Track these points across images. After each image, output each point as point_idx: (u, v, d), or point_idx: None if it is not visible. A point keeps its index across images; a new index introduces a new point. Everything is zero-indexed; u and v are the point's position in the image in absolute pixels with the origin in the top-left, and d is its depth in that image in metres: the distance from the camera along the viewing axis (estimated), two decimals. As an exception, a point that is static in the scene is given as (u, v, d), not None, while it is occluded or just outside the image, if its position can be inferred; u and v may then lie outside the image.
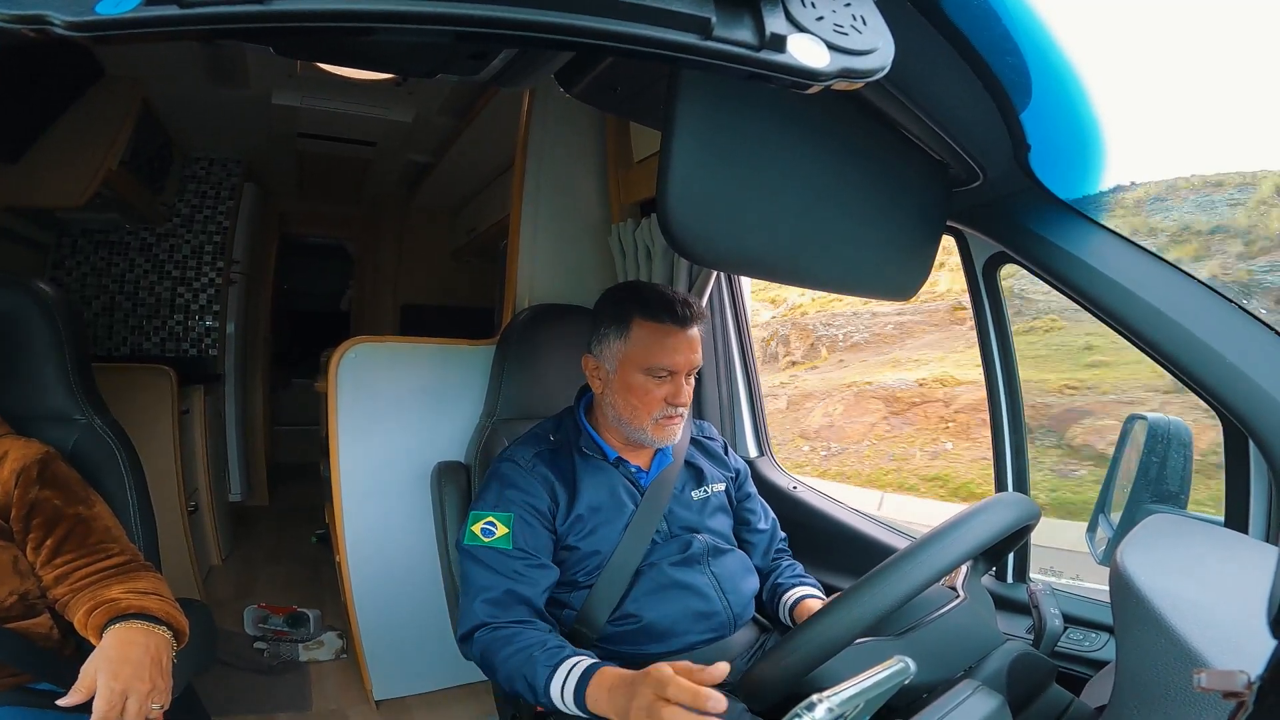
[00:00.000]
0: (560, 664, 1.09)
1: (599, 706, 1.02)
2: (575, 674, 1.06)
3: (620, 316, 1.34)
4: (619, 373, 1.34)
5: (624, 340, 1.33)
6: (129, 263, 3.97)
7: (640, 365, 1.31)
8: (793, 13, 0.59)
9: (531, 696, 1.11)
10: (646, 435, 1.34)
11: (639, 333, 1.32)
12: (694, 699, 0.86)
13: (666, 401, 1.32)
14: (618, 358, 1.34)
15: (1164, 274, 1.05)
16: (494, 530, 1.29)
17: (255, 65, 2.84)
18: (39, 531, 1.14)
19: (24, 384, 1.37)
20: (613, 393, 1.36)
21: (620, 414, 1.35)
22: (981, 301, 1.40)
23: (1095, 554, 1.18)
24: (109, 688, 0.96)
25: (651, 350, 1.31)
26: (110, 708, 0.95)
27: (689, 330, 1.33)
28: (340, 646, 2.59)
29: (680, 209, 0.79)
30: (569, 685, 1.06)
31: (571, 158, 2.24)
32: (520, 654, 1.14)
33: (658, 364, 1.31)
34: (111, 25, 0.46)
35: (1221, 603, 0.70)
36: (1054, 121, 1.02)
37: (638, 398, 1.32)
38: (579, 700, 1.04)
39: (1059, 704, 0.98)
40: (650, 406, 1.32)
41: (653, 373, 1.31)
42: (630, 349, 1.32)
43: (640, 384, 1.32)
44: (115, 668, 0.98)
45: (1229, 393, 0.95)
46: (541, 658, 1.11)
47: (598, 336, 1.38)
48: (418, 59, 0.87)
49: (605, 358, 1.36)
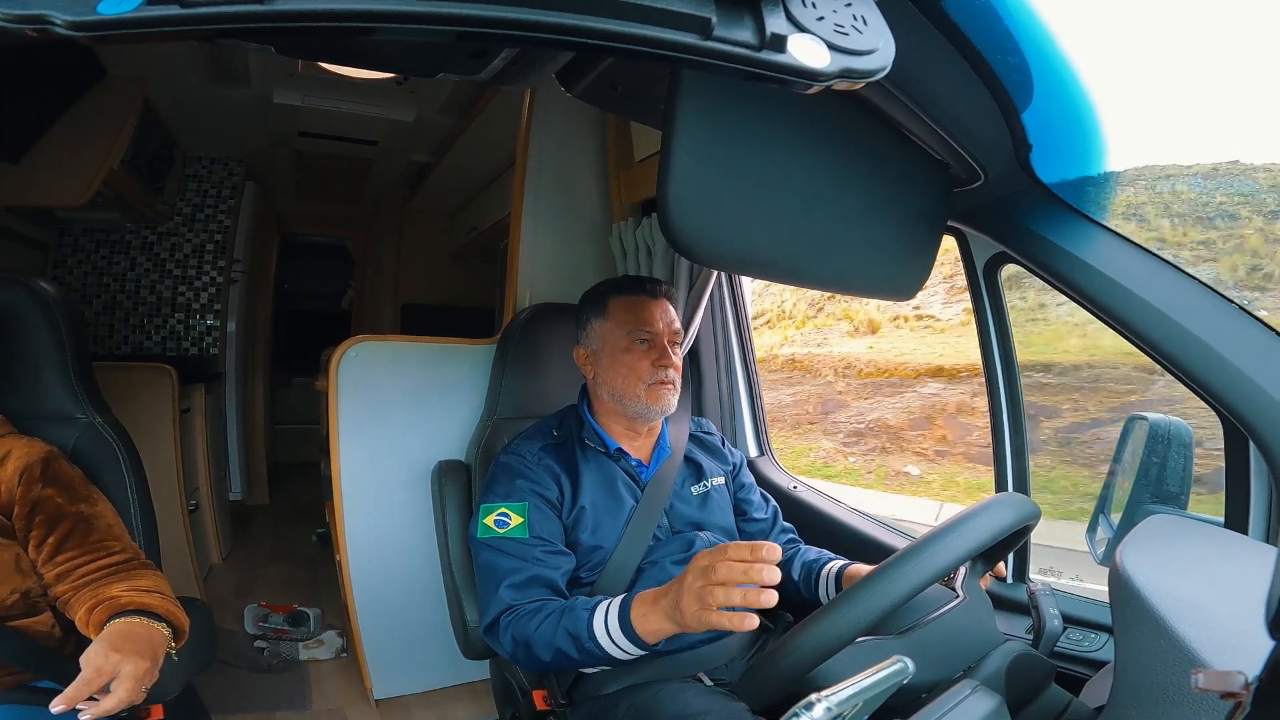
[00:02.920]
0: (597, 606, 1.11)
1: (648, 621, 1.04)
2: (615, 605, 1.09)
3: (598, 301, 1.47)
4: (605, 348, 1.43)
5: (604, 319, 1.45)
6: (130, 262, 3.98)
7: (623, 334, 1.42)
8: (793, 13, 0.59)
9: (575, 648, 1.12)
10: (641, 403, 1.40)
11: (616, 308, 1.44)
12: (744, 573, 0.89)
13: (654, 365, 1.40)
14: (602, 336, 1.45)
15: (1165, 274, 1.05)
16: (508, 520, 1.31)
17: (257, 65, 2.84)
18: (41, 530, 1.14)
19: (25, 383, 1.37)
20: (604, 370, 1.43)
21: (615, 389, 1.42)
22: (982, 302, 1.40)
23: (1095, 554, 1.18)
24: (103, 657, 0.94)
25: (629, 319, 1.42)
26: (98, 674, 0.93)
27: (659, 300, 1.45)
28: (340, 645, 2.59)
29: (681, 209, 0.80)
30: (612, 617, 1.08)
31: (572, 157, 2.25)
32: (552, 616, 1.16)
33: (638, 329, 1.41)
34: (113, 25, 0.46)
35: (1220, 603, 0.70)
36: (1055, 121, 1.02)
37: (627, 366, 1.41)
38: (624, 623, 1.06)
39: (1058, 704, 0.98)
40: (640, 373, 1.40)
41: (634, 337, 1.41)
42: (611, 323, 1.44)
43: (626, 352, 1.41)
44: (115, 643, 0.98)
45: (1229, 393, 0.95)
46: (578, 606, 1.13)
47: (582, 326, 1.50)
48: (419, 58, 0.87)
49: (592, 340, 1.47)
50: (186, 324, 4.09)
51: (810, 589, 1.43)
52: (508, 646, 1.23)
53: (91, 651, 0.96)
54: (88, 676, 0.92)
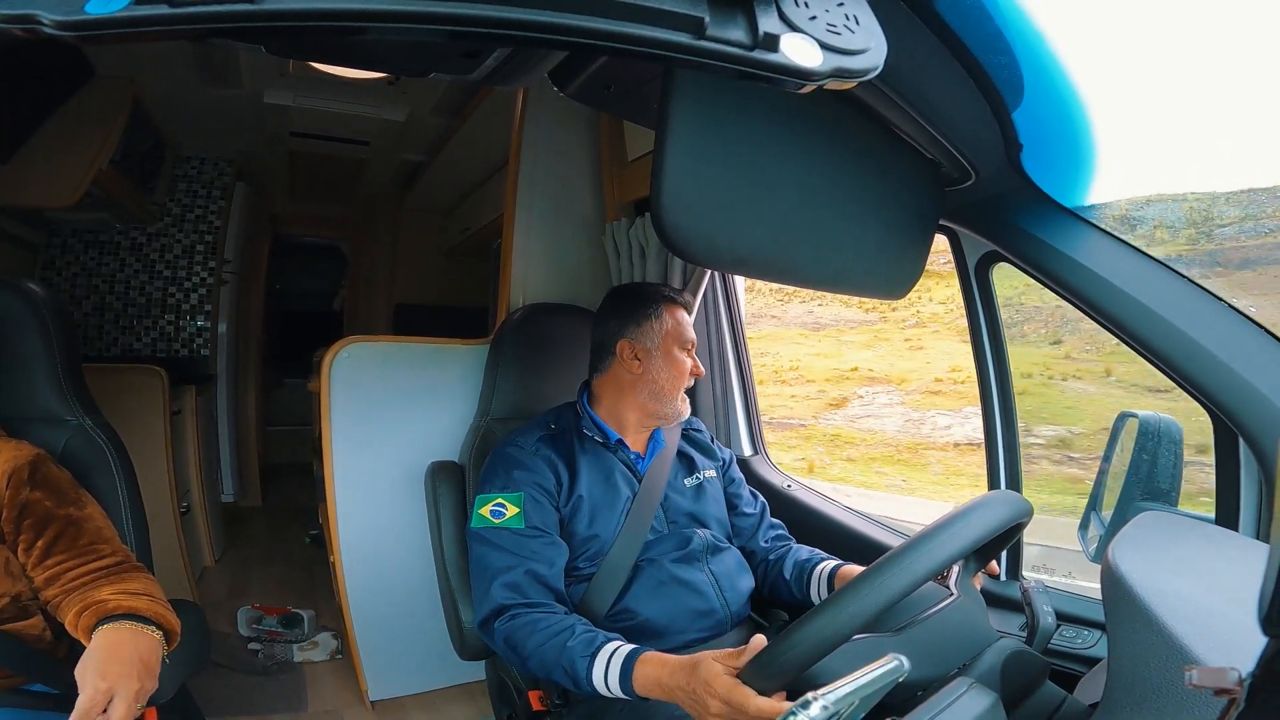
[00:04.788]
0: (598, 652, 1.12)
1: (650, 691, 1.06)
2: (618, 661, 1.09)
3: (654, 302, 1.50)
4: (662, 349, 1.47)
5: (661, 321, 1.48)
6: (120, 262, 3.94)
7: (677, 341, 1.48)
8: (786, 12, 0.59)
9: (571, 685, 1.13)
10: (675, 405, 1.48)
11: (672, 315, 1.50)
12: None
13: (691, 374, 1.50)
14: (660, 336, 1.48)
15: (1155, 272, 1.06)
16: (504, 511, 1.32)
17: (247, 64, 2.82)
18: (30, 533, 1.13)
19: (14, 385, 1.36)
20: (655, 370, 1.47)
21: (659, 387, 1.47)
22: (974, 300, 1.41)
23: (1087, 551, 1.18)
24: (94, 685, 0.95)
25: (682, 328, 1.50)
26: (93, 705, 0.94)
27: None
28: (335, 647, 2.58)
29: (674, 208, 0.80)
30: (613, 673, 1.09)
31: (565, 157, 2.24)
32: (552, 644, 1.16)
33: (688, 338, 1.50)
34: (101, 25, 0.46)
35: (1213, 600, 0.70)
36: (1045, 121, 1.02)
37: (678, 370, 1.47)
38: (625, 686, 1.07)
39: (1052, 701, 0.98)
40: (683, 378, 1.49)
41: (684, 347, 1.49)
42: (669, 328, 1.48)
43: (678, 358, 1.48)
44: (103, 667, 0.98)
45: (1219, 390, 0.96)
46: (577, 647, 1.13)
47: (636, 321, 1.49)
48: (411, 58, 0.87)
49: (648, 337, 1.48)
50: (177, 325, 4.06)
51: (802, 589, 1.43)
52: (500, 647, 1.24)
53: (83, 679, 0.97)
54: (84, 709, 0.93)
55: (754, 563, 1.52)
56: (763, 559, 1.52)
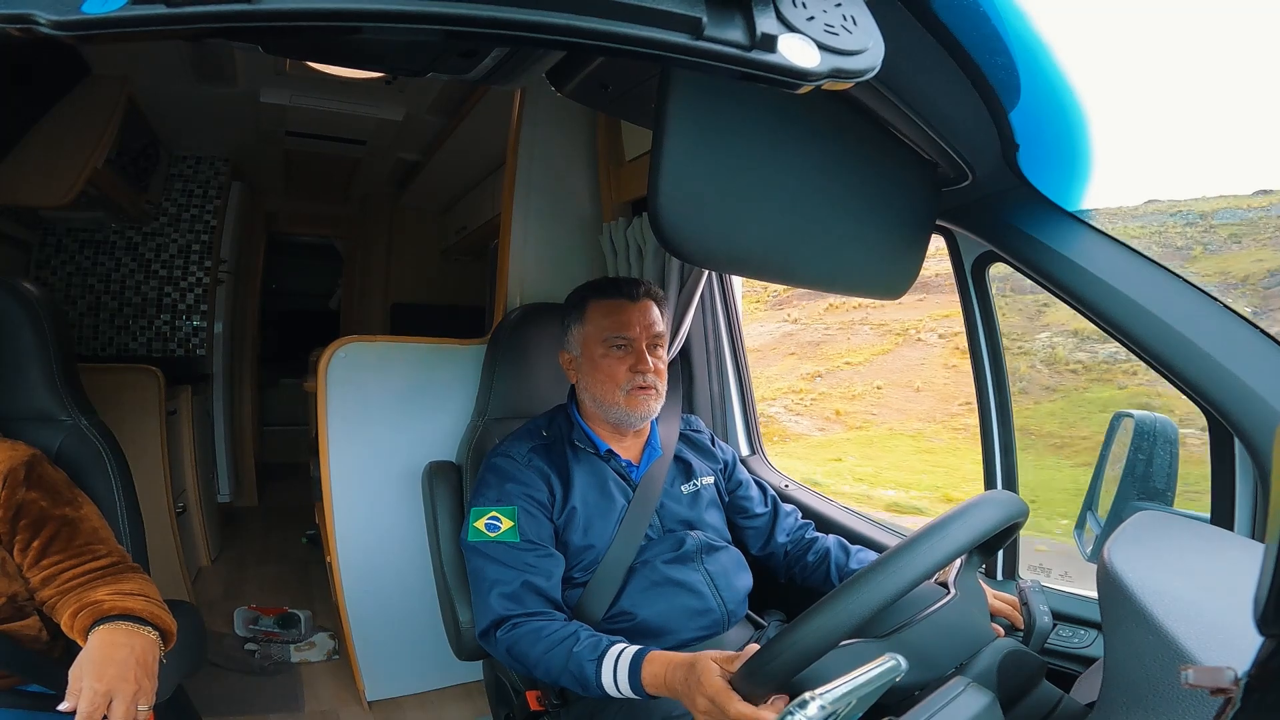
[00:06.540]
0: (604, 655, 1.11)
1: (658, 690, 1.06)
2: (625, 661, 1.09)
3: (578, 304, 1.45)
4: (584, 353, 1.42)
5: (582, 323, 1.43)
6: (115, 262, 3.93)
7: (599, 339, 1.40)
8: (783, 13, 0.59)
9: (580, 689, 1.13)
10: (620, 409, 1.39)
11: (594, 312, 1.42)
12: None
13: (631, 370, 1.38)
14: (580, 341, 1.44)
15: (1150, 272, 1.06)
16: (499, 524, 1.31)
17: (243, 63, 2.82)
18: (26, 533, 1.13)
19: (9, 385, 1.35)
20: (584, 375, 1.43)
21: (594, 394, 1.41)
22: (970, 300, 1.41)
23: (1083, 551, 1.19)
24: (92, 689, 0.95)
25: (606, 323, 1.40)
26: (93, 709, 0.94)
27: (640, 302, 1.42)
28: (332, 647, 2.58)
29: (672, 208, 0.80)
30: (621, 674, 1.09)
31: (563, 156, 2.24)
32: (557, 651, 1.16)
33: (613, 334, 1.39)
34: (98, 24, 0.46)
35: (1208, 599, 0.70)
36: (1042, 121, 1.02)
37: (604, 372, 1.40)
38: (635, 685, 1.07)
39: (1049, 700, 0.98)
40: (617, 378, 1.39)
41: (611, 343, 1.40)
42: (588, 328, 1.42)
43: (604, 358, 1.40)
44: (99, 669, 0.98)
45: (1214, 390, 0.96)
46: (583, 652, 1.13)
47: (564, 330, 1.48)
48: (408, 57, 0.87)
49: (572, 345, 1.45)
50: (172, 325, 4.05)
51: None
52: (503, 656, 1.24)
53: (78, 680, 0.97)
54: (84, 715, 0.94)
55: (776, 564, 1.52)
56: (786, 562, 1.52)
